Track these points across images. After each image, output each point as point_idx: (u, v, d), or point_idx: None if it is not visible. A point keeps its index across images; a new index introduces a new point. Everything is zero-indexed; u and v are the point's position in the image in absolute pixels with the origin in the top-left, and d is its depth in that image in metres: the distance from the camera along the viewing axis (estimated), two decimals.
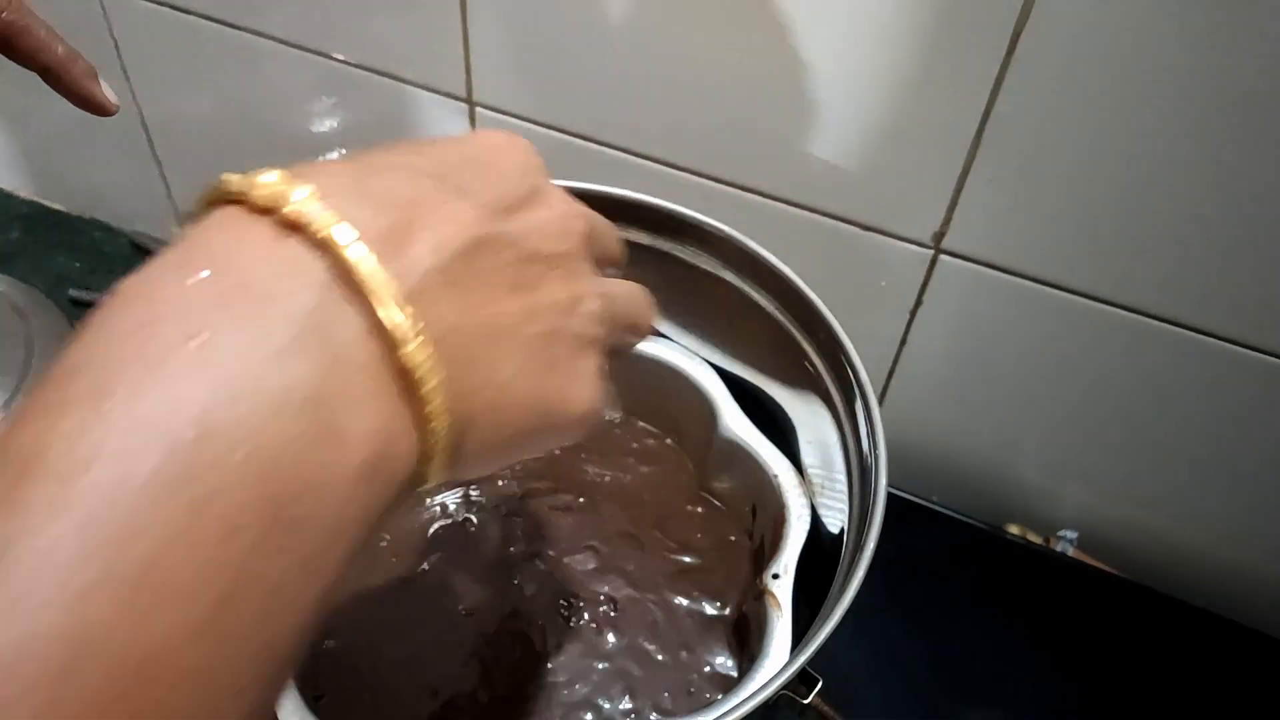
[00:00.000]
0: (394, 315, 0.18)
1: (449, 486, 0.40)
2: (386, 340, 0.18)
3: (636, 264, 0.48)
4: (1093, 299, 0.52)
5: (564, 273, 0.24)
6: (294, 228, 0.18)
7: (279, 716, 0.34)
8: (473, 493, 0.48)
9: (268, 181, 0.18)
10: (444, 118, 0.63)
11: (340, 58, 0.63)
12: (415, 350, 0.19)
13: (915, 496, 0.62)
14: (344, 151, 0.71)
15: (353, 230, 0.18)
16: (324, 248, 0.18)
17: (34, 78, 0.77)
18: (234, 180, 0.19)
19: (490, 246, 0.22)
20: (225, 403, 0.16)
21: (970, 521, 0.61)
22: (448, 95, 0.61)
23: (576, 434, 0.25)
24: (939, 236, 0.53)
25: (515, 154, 0.25)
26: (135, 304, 0.17)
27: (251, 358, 0.16)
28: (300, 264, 0.18)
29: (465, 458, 0.22)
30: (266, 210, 0.18)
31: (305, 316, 0.17)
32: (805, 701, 0.35)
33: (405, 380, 0.19)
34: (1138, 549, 0.62)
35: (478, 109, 0.61)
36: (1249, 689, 0.54)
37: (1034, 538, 0.62)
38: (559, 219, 0.25)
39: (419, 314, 0.19)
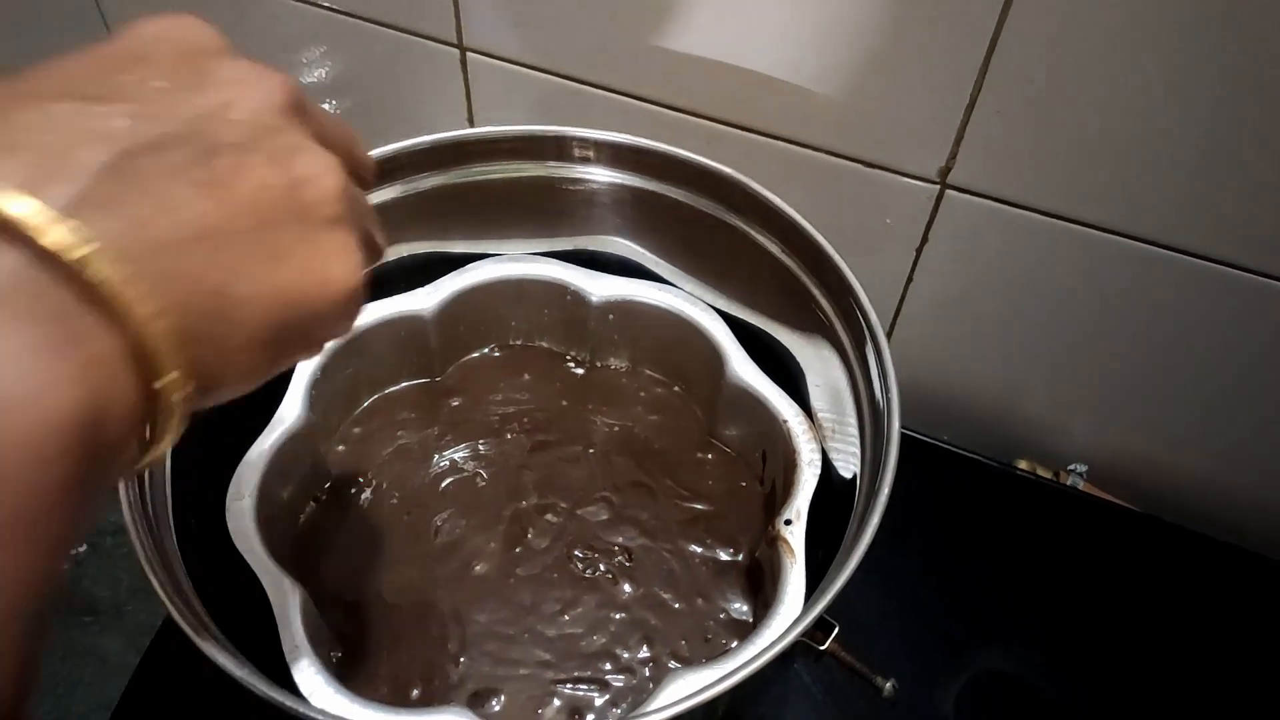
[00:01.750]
0: (54, 236, 0.17)
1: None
2: (53, 265, 0.17)
3: (640, 210, 0.48)
4: (1101, 230, 0.51)
5: (267, 156, 0.22)
6: None
7: (295, 678, 0.34)
8: (481, 447, 0.47)
9: None
10: (434, 64, 0.61)
11: (328, 5, 0.61)
12: (90, 258, 0.17)
13: (924, 435, 0.62)
14: (333, 103, 0.69)
15: None
16: None
17: (14, 40, 0.75)
18: None
19: (148, 153, 0.20)
20: None
21: (979, 459, 0.61)
22: (438, 40, 0.60)
23: (343, 313, 0.24)
24: (945, 171, 0.52)
25: (173, 39, 0.23)
26: None
27: None
28: None
29: (218, 369, 0.21)
30: None
31: None
32: (822, 648, 0.35)
33: (93, 297, 0.18)
34: (1147, 481, 0.62)
35: (469, 54, 0.60)
36: (1260, 614, 0.55)
37: (1044, 473, 0.62)
38: (244, 99, 0.23)
39: (76, 231, 0.17)
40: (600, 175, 0.47)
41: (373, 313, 0.46)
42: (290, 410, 0.42)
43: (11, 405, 0.16)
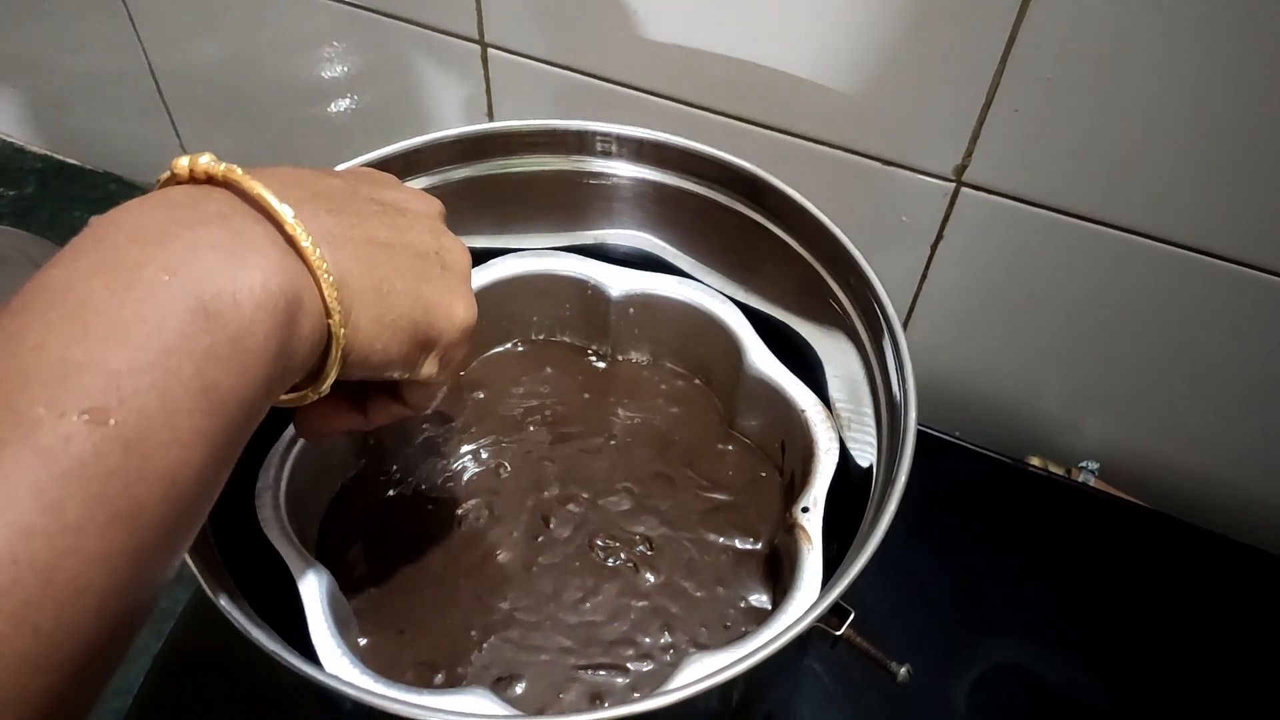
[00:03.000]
0: (277, 206, 0.27)
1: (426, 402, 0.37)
2: (273, 219, 0.27)
3: (661, 204, 0.48)
4: (1116, 228, 0.51)
5: (429, 228, 0.33)
6: (219, 182, 0.28)
7: (321, 661, 0.34)
8: (504, 439, 0.48)
9: (205, 162, 0.27)
10: (455, 60, 0.62)
11: (350, 0, 0.62)
12: (295, 223, 0.27)
13: (937, 431, 0.62)
14: (354, 98, 0.70)
15: (255, 180, 0.27)
16: (234, 186, 0.27)
17: (40, 31, 0.76)
18: (181, 160, 0.28)
19: (357, 197, 0.31)
20: (162, 252, 0.24)
21: (992, 454, 0.61)
22: (459, 36, 0.61)
23: (459, 339, 0.34)
24: (961, 169, 0.52)
25: (378, 173, 0.36)
26: (120, 226, 0.25)
27: (187, 235, 0.25)
28: (215, 194, 0.27)
29: (366, 336, 0.30)
30: (205, 176, 0.27)
31: (216, 213, 0.26)
32: (838, 634, 0.35)
33: (294, 244, 0.27)
34: (1159, 478, 0.62)
35: (490, 50, 0.61)
36: (1269, 611, 0.55)
37: (1056, 469, 0.62)
38: (417, 197, 0.35)
39: (298, 215, 0.27)
40: (622, 170, 0.47)
41: None
42: None
43: (255, 266, 0.25)
